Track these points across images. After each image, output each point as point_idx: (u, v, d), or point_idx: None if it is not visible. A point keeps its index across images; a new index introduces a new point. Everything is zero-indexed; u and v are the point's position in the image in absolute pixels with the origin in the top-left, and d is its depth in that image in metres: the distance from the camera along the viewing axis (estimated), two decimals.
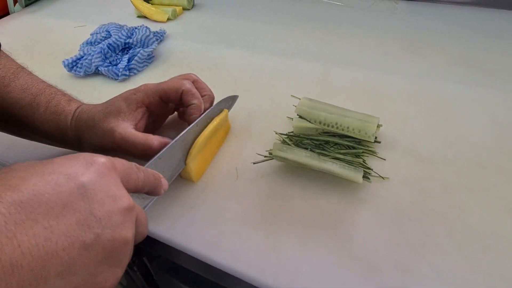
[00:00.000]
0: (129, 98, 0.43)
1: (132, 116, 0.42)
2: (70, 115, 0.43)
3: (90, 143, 0.42)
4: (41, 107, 0.43)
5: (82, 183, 0.24)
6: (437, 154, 0.44)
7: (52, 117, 0.43)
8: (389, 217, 0.38)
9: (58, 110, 0.43)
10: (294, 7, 0.80)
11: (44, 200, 0.22)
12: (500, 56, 0.58)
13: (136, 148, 0.40)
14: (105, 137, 0.41)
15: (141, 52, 0.64)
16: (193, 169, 0.43)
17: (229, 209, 0.41)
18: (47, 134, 0.44)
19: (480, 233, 0.36)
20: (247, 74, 0.61)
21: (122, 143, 0.40)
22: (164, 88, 0.44)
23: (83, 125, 0.42)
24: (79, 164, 0.25)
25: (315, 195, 0.41)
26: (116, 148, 0.41)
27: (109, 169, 0.26)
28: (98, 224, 0.24)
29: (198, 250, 0.38)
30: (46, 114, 0.43)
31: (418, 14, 0.72)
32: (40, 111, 0.43)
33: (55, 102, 0.43)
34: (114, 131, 0.40)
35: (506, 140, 0.45)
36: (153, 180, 0.32)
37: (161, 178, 0.34)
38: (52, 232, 0.22)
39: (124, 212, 0.25)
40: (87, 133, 0.42)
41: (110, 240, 0.24)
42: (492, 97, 0.51)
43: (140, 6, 0.81)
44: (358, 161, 0.42)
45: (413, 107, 0.51)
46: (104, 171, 0.25)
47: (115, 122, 0.41)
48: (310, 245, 0.37)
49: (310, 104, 0.47)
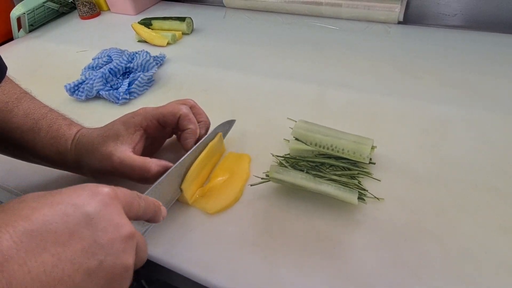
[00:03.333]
0: (128, 121, 0.44)
1: (130, 139, 0.43)
2: (70, 139, 0.44)
3: (89, 166, 0.43)
4: (42, 132, 0.44)
5: (87, 213, 0.25)
6: (431, 174, 0.45)
7: (53, 141, 0.44)
8: (384, 239, 0.39)
9: (59, 134, 0.44)
10: (290, 31, 0.82)
11: (52, 229, 0.23)
12: (491, 78, 0.60)
13: (134, 171, 0.41)
14: (104, 161, 0.42)
15: (141, 76, 0.65)
16: (189, 194, 0.44)
17: (226, 231, 0.41)
18: (47, 158, 0.45)
19: (474, 253, 0.37)
20: (244, 96, 0.62)
21: (120, 166, 0.41)
22: (162, 112, 0.45)
23: (82, 148, 0.43)
24: (85, 194, 0.26)
25: (311, 217, 0.41)
26: (115, 171, 0.42)
27: (112, 198, 0.27)
28: (102, 251, 0.25)
29: (195, 272, 0.38)
30: (47, 138, 0.44)
31: (411, 37, 0.75)
32: (41, 136, 0.44)
33: (56, 127, 0.44)
34: (112, 155, 0.41)
35: (498, 160, 0.46)
36: (153, 208, 0.33)
37: (161, 206, 0.35)
38: (59, 259, 0.23)
39: (126, 239, 0.27)
40: (86, 156, 0.43)
41: (112, 266, 0.26)
42: (484, 118, 0.52)
43: (141, 31, 0.83)
44: (354, 183, 0.43)
45: (407, 128, 0.52)
46: (108, 201, 0.27)
47: (114, 146, 0.42)
48: (306, 267, 0.37)
49: (306, 127, 0.48)
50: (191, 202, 0.44)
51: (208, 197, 0.45)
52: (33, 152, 0.44)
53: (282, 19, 0.88)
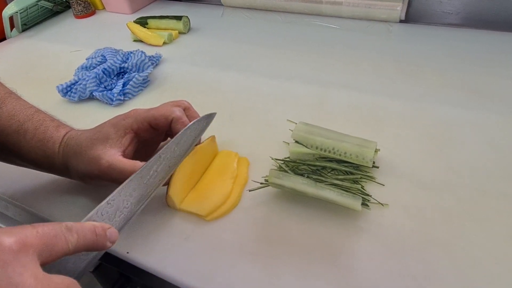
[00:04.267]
0: (118, 124, 0.42)
1: (120, 142, 0.41)
2: (58, 142, 0.42)
3: (77, 170, 0.41)
4: (29, 134, 0.42)
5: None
6: (437, 179, 0.43)
7: (39, 144, 0.42)
8: (389, 247, 0.37)
9: (46, 137, 0.42)
10: (290, 30, 0.81)
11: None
12: (497, 78, 0.58)
13: (123, 176, 0.39)
14: (92, 165, 0.40)
15: (136, 76, 0.63)
16: (178, 199, 0.42)
17: (223, 239, 0.39)
18: (34, 161, 0.43)
19: (484, 263, 0.35)
20: (242, 97, 0.61)
21: (108, 171, 0.39)
22: (154, 114, 0.43)
23: (71, 151, 0.41)
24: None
25: (313, 224, 0.40)
26: (103, 176, 0.40)
27: (15, 253, 0.24)
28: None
29: (191, 283, 0.36)
30: (34, 141, 0.42)
31: (413, 36, 0.73)
32: (27, 138, 0.42)
33: (43, 129, 0.43)
34: (101, 158, 0.39)
35: (505, 164, 0.44)
36: (91, 238, 0.29)
37: (107, 230, 0.30)
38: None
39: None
40: (75, 159, 0.41)
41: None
42: (490, 120, 0.51)
43: (136, 31, 0.82)
44: (356, 187, 0.41)
45: (411, 131, 0.50)
46: (8, 259, 0.23)
47: (103, 149, 0.40)
48: (307, 277, 0.35)
49: (307, 129, 0.46)
50: (179, 207, 0.42)
51: (198, 198, 0.43)
52: (19, 155, 0.43)
53: (282, 18, 0.87)
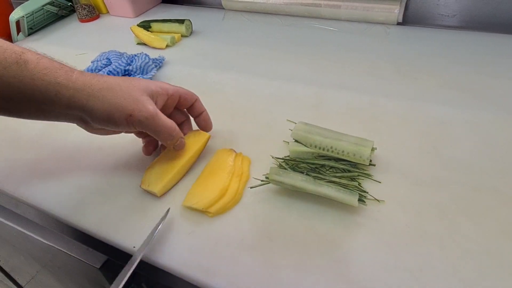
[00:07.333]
0: (158, 83, 0.44)
1: (162, 100, 0.44)
2: (73, 71, 0.38)
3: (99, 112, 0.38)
4: (31, 63, 0.36)
5: None
6: (432, 176, 0.45)
7: (46, 71, 0.36)
8: (385, 241, 0.38)
9: (54, 65, 0.37)
10: (289, 33, 0.82)
11: None
12: (491, 79, 0.60)
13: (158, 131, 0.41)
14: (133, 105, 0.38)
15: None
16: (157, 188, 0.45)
17: (226, 234, 0.41)
18: (33, 95, 0.36)
19: (476, 256, 0.36)
20: (243, 98, 0.62)
21: (150, 119, 0.39)
22: (181, 91, 0.47)
23: (97, 84, 0.38)
24: None
25: (311, 219, 0.41)
26: (135, 122, 0.39)
27: None
28: None
29: (195, 276, 0.38)
30: (38, 69, 0.36)
31: (410, 38, 0.74)
32: (29, 67, 0.36)
33: (47, 59, 0.38)
34: (149, 104, 0.39)
35: (499, 161, 0.46)
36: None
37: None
38: None
39: None
40: (102, 94, 0.37)
41: None
42: (485, 119, 0.52)
43: (140, 34, 0.83)
44: (354, 184, 0.43)
45: (407, 130, 0.52)
46: None
47: (147, 98, 0.40)
48: (307, 270, 0.37)
49: (306, 128, 0.48)
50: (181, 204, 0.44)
51: (197, 194, 0.44)
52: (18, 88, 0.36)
53: (281, 21, 0.88)
